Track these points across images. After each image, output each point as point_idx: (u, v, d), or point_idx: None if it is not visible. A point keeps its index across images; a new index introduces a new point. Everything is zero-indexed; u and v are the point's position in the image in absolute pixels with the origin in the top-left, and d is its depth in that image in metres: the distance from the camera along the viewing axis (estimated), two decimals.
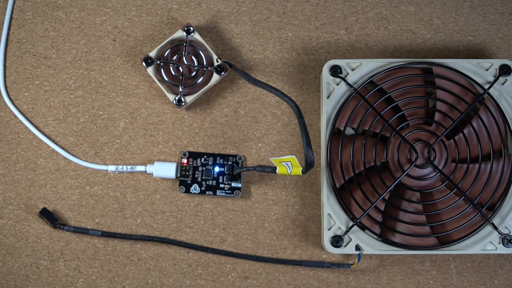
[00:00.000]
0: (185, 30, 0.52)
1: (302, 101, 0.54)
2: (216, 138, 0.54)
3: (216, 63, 0.52)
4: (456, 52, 0.55)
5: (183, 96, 0.52)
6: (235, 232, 0.53)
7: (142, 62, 0.52)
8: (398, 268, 0.53)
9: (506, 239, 0.50)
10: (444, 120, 0.51)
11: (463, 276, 0.53)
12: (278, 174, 0.45)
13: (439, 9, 0.55)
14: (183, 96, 0.52)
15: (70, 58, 0.55)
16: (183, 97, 0.52)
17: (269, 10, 0.55)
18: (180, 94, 0.52)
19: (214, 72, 0.52)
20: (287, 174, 0.46)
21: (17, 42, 0.55)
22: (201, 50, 0.53)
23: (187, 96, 0.52)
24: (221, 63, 0.52)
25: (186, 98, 0.52)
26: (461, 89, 0.51)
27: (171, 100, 0.52)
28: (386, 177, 0.51)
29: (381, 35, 0.55)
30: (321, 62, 0.55)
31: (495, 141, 0.51)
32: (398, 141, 0.51)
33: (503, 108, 0.51)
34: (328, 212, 0.50)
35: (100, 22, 0.55)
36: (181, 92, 0.52)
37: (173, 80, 0.52)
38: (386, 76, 0.51)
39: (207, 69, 0.52)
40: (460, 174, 0.51)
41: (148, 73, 0.52)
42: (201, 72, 0.52)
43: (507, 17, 0.55)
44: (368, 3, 0.55)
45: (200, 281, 0.52)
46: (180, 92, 0.52)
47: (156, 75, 0.52)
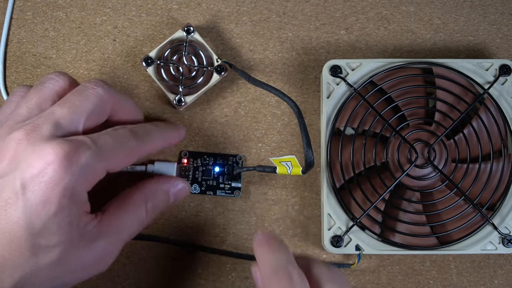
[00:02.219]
0: (185, 30, 0.52)
1: (302, 101, 0.54)
2: (216, 138, 0.54)
3: (216, 63, 0.52)
4: (456, 52, 0.55)
5: (183, 96, 0.52)
6: (235, 232, 0.53)
7: (142, 62, 0.52)
8: (398, 268, 0.53)
9: (506, 239, 0.50)
10: (444, 120, 0.51)
11: (463, 276, 0.53)
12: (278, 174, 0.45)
13: (439, 9, 0.55)
14: (183, 96, 0.52)
15: (70, 58, 0.55)
16: (183, 97, 0.52)
17: (269, 10, 0.55)
18: (180, 94, 0.52)
19: (214, 72, 0.52)
20: (287, 174, 0.46)
21: (17, 42, 0.55)
22: (201, 50, 0.53)
23: (187, 96, 0.52)
24: (221, 63, 0.52)
25: (186, 98, 0.52)
26: (461, 89, 0.51)
27: (171, 100, 0.52)
28: (386, 177, 0.51)
29: (381, 35, 0.55)
30: (321, 62, 0.55)
31: (495, 141, 0.51)
32: (398, 141, 0.51)
33: (503, 108, 0.51)
34: (328, 212, 0.50)
35: (100, 22, 0.55)
36: (181, 92, 0.52)
37: (173, 80, 0.52)
38: (386, 76, 0.51)
39: (207, 69, 0.52)
40: (460, 174, 0.51)
41: (148, 73, 0.52)
42: (201, 72, 0.52)
43: (507, 17, 0.55)
44: (368, 3, 0.55)
45: (200, 281, 0.52)
46: (180, 92, 0.52)
47: (156, 75, 0.52)
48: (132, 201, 0.46)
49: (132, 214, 0.45)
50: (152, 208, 0.46)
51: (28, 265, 0.38)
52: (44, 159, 0.38)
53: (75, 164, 0.38)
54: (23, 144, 0.39)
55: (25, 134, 0.39)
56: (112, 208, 0.44)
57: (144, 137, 0.45)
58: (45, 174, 0.38)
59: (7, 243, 0.38)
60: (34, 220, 0.37)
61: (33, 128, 0.39)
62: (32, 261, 0.38)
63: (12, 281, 0.38)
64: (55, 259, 0.39)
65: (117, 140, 0.43)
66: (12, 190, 0.37)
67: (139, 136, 0.45)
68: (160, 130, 0.48)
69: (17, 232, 0.37)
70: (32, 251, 0.38)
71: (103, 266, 0.43)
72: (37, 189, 0.37)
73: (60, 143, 0.38)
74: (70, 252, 0.39)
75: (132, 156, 0.44)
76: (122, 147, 0.43)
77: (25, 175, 0.38)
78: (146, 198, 0.46)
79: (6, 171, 0.38)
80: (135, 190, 0.47)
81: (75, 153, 0.39)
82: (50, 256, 0.39)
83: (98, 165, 0.40)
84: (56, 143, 0.38)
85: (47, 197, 0.37)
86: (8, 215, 0.37)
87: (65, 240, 0.39)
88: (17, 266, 0.38)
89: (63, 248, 0.39)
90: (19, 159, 0.38)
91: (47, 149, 0.38)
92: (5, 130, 0.40)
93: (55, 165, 0.38)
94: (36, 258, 0.38)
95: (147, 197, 0.46)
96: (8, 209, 0.37)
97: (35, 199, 0.37)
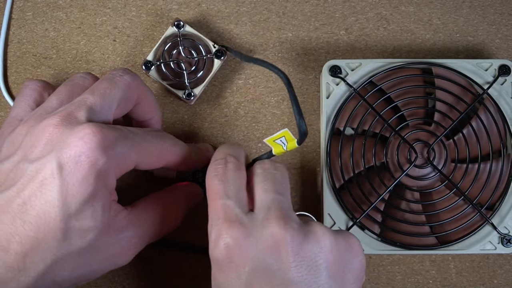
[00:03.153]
0: (175, 25, 0.52)
1: (302, 101, 0.54)
2: (216, 138, 0.54)
3: (213, 50, 0.52)
4: (456, 52, 0.55)
5: (191, 89, 0.52)
6: None
7: (142, 67, 0.52)
8: (397, 268, 0.53)
9: (505, 239, 0.50)
10: (444, 120, 0.51)
11: (462, 276, 0.53)
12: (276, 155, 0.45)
13: (439, 9, 0.56)
14: (191, 90, 0.52)
15: (70, 58, 0.55)
16: (191, 91, 0.52)
17: (269, 11, 0.55)
18: (187, 89, 0.52)
19: (214, 58, 0.52)
20: (284, 151, 0.46)
21: (17, 43, 0.55)
22: (196, 41, 0.53)
23: (194, 88, 0.52)
24: (219, 47, 0.52)
25: (194, 90, 0.52)
26: (460, 89, 0.52)
27: (181, 96, 0.52)
28: (385, 177, 0.51)
29: (381, 35, 0.55)
30: (320, 62, 0.55)
31: (494, 141, 0.51)
32: (397, 141, 0.51)
33: (502, 108, 0.52)
34: (328, 212, 0.50)
35: (100, 22, 0.55)
36: (188, 86, 0.52)
37: (177, 77, 0.52)
38: (386, 76, 0.52)
39: (206, 57, 0.52)
40: (460, 174, 0.51)
41: (151, 77, 0.52)
42: (202, 62, 0.53)
43: (507, 17, 0.56)
44: (368, 4, 0.56)
45: (200, 281, 0.52)
46: (187, 86, 0.52)
47: (159, 77, 0.52)
48: (163, 202, 0.47)
49: (162, 213, 0.46)
50: (182, 211, 0.48)
51: (60, 248, 0.38)
52: (83, 140, 0.38)
53: (111, 148, 0.39)
54: (59, 128, 0.39)
55: (60, 120, 0.39)
56: (143, 205, 0.45)
57: (179, 148, 0.46)
58: (82, 153, 0.37)
59: (41, 224, 0.37)
60: (70, 200, 0.37)
61: (68, 114, 0.39)
62: (65, 244, 0.38)
63: (44, 264, 0.38)
64: (86, 245, 0.39)
65: (154, 139, 0.43)
66: (49, 171, 0.37)
67: (176, 145, 0.45)
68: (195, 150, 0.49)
69: (52, 213, 0.37)
70: (65, 233, 0.37)
71: (127, 259, 0.43)
72: (74, 169, 0.37)
73: (98, 126, 0.39)
74: (101, 239, 0.39)
75: (162, 160, 0.45)
76: (157, 148, 0.43)
77: (62, 155, 0.37)
78: (177, 201, 0.48)
79: (42, 153, 0.38)
80: (165, 193, 0.48)
81: (112, 137, 0.39)
82: (83, 240, 0.38)
83: (131, 155, 0.41)
84: (94, 125, 0.38)
85: (83, 178, 0.37)
86: (44, 196, 0.37)
87: (98, 226, 0.39)
88: (49, 249, 0.37)
89: (95, 233, 0.39)
90: (56, 141, 0.38)
91: (86, 130, 0.38)
92: (36, 119, 0.40)
93: (93, 145, 0.38)
94: (69, 241, 0.38)
95: (177, 200, 0.48)
96: (44, 190, 0.37)
97: (71, 179, 0.37)
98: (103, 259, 0.41)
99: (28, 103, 0.45)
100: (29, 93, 0.46)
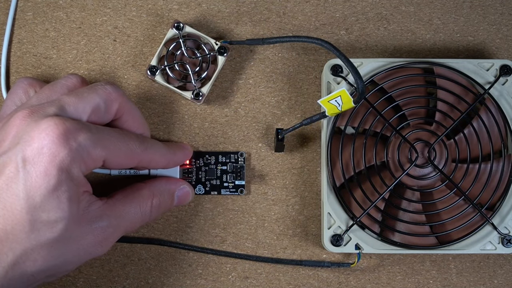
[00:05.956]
0: (175, 27, 0.52)
1: (302, 101, 0.54)
2: (216, 138, 0.54)
3: (216, 47, 0.52)
4: (456, 52, 0.55)
5: (198, 89, 0.52)
6: (235, 232, 0.53)
7: (147, 73, 0.52)
8: (398, 268, 0.53)
9: (506, 239, 0.50)
10: (445, 120, 0.51)
11: (462, 276, 0.53)
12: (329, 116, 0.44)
13: (439, 9, 0.56)
14: (199, 89, 0.52)
15: (71, 58, 0.55)
16: (199, 91, 0.52)
17: (269, 10, 0.55)
18: (195, 89, 0.52)
19: (218, 56, 0.52)
20: (338, 112, 0.45)
21: (17, 43, 0.55)
22: (198, 40, 0.53)
23: (202, 88, 0.52)
24: (221, 44, 0.52)
25: (202, 90, 0.52)
26: (461, 89, 0.52)
27: (189, 97, 0.52)
28: (386, 176, 0.51)
29: (381, 35, 0.55)
30: (321, 62, 0.55)
31: (495, 141, 0.51)
32: (398, 141, 0.51)
33: (503, 109, 0.52)
34: (328, 211, 0.50)
35: (101, 22, 0.55)
36: (196, 86, 0.52)
37: (183, 79, 0.52)
38: (387, 76, 0.52)
39: (210, 55, 0.52)
40: (460, 174, 0.51)
41: (157, 81, 0.52)
42: (206, 60, 0.53)
43: (507, 17, 0.56)
44: (368, 4, 0.56)
45: (200, 281, 0.52)
46: (194, 86, 0.52)
47: (165, 80, 0.52)
48: (139, 193, 0.47)
49: (137, 205, 0.46)
50: (157, 205, 0.48)
51: (29, 239, 0.39)
52: (45, 132, 0.39)
53: (73, 140, 0.39)
54: (26, 121, 0.40)
55: (28, 113, 0.40)
56: (119, 196, 0.46)
57: (148, 145, 0.46)
58: (44, 146, 0.38)
59: (8, 217, 0.38)
60: (34, 193, 0.38)
61: (38, 108, 0.41)
62: (34, 235, 0.39)
63: (13, 255, 0.39)
64: (56, 235, 0.39)
65: (121, 136, 0.44)
66: (14, 165, 0.38)
67: (143, 142, 0.46)
68: (167, 147, 0.49)
69: (18, 205, 0.38)
70: (33, 225, 0.39)
71: (102, 249, 0.44)
72: (37, 161, 0.38)
73: (61, 119, 0.40)
74: (72, 229, 0.40)
75: (132, 159, 0.45)
76: (124, 144, 0.44)
77: (26, 149, 0.39)
78: (153, 194, 0.48)
79: (9, 147, 0.39)
80: (143, 185, 0.48)
81: (74, 130, 0.40)
82: (52, 231, 0.39)
83: (96, 150, 0.41)
84: (58, 119, 0.40)
85: (46, 170, 0.38)
86: (10, 189, 0.38)
87: (66, 216, 0.39)
88: (18, 240, 0.39)
89: (64, 224, 0.39)
90: (21, 134, 0.39)
91: (49, 122, 0.39)
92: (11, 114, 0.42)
93: (54, 137, 0.39)
94: (38, 232, 0.39)
95: (154, 193, 0.48)
96: (9, 183, 0.38)
97: (35, 172, 0.38)
98: (77, 249, 0.42)
99: (13, 101, 0.47)
100: (16, 91, 0.47)
